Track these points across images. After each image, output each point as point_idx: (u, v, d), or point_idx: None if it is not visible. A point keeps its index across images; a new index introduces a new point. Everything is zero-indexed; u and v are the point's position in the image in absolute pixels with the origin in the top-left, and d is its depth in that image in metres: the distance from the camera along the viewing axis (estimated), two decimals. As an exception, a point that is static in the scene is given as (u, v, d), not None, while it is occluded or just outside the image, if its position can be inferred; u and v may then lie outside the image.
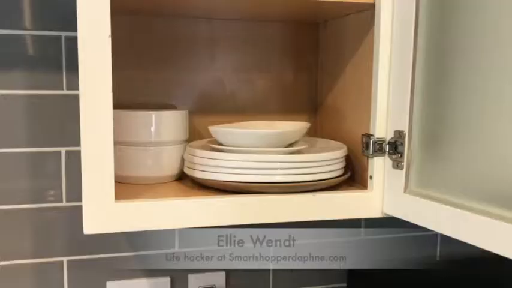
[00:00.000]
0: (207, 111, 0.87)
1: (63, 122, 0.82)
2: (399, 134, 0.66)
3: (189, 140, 0.78)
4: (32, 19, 0.80)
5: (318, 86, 0.91)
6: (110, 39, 0.58)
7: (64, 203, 0.84)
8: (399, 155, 0.67)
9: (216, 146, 0.70)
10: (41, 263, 0.84)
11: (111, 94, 0.59)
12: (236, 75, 0.88)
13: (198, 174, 0.69)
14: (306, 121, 0.91)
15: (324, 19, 0.87)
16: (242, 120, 0.87)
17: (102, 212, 0.60)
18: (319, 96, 0.91)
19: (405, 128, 0.66)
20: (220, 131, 0.69)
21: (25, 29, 0.80)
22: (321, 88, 0.90)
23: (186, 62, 0.86)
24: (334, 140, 0.82)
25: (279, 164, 0.66)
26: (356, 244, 0.98)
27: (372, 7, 0.69)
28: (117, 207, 0.61)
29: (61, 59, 0.81)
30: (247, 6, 0.74)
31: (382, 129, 0.68)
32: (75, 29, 0.57)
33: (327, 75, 0.88)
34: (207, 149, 0.71)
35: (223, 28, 0.87)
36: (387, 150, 0.68)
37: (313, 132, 0.91)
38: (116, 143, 0.72)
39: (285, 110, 0.91)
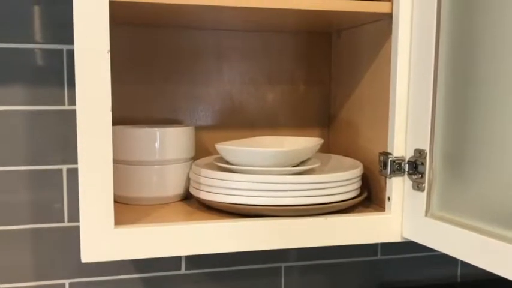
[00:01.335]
0: (214, 126, 0.84)
1: (64, 139, 0.79)
2: (419, 153, 0.62)
3: (195, 157, 0.75)
4: (32, 32, 0.76)
5: (331, 99, 0.87)
6: (108, 54, 0.55)
7: (66, 223, 0.80)
8: (420, 176, 0.62)
9: (223, 165, 0.66)
10: (43, 286, 0.80)
11: (110, 113, 0.55)
12: (245, 87, 0.85)
13: (204, 196, 0.65)
14: (318, 136, 0.87)
15: (338, 29, 0.83)
16: (251, 135, 0.83)
17: (101, 239, 0.56)
18: (332, 109, 0.87)
19: (426, 147, 0.61)
20: (227, 149, 0.65)
21: (25, 42, 0.76)
22: (334, 101, 0.86)
23: (192, 75, 0.82)
24: (348, 155, 0.78)
25: (289, 185, 0.61)
26: (372, 264, 0.93)
27: (389, 16, 0.65)
28: (116, 233, 0.57)
29: (62, 73, 0.78)
30: (258, 18, 0.70)
31: (401, 147, 0.64)
32: (74, 43, 0.54)
33: (341, 87, 0.83)
34: (213, 168, 0.67)
35: (231, 39, 0.83)
36: (407, 170, 0.63)
37: (326, 148, 0.86)
38: (118, 161, 0.69)
39: (296, 124, 0.87)
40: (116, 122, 0.75)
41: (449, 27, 0.59)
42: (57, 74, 0.78)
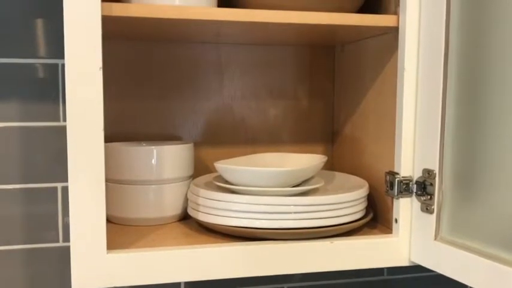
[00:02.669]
0: (214, 142, 0.81)
1: (59, 156, 0.76)
2: (428, 173, 0.59)
3: (194, 175, 0.72)
4: (26, 46, 0.74)
5: (335, 114, 0.84)
6: (101, 71, 0.52)
7: (61, 243, 0.78)
8: (428, 197, 0.59)
9: (223, 184, 0.63)
10: (36, 308, 0.78)
11: (102, 132, 0.53)
12: (246, 102, 0.82)
13: (203, 217, 0.62)
14: (321, 151, 0.84)
15: (341, 42, 0.80)
16: (253, 151, 0.80)
17: (93, 265, 0.54)
18: (336, 124, 0.84)
19: (435, 167, 0.58)
20: (227, 168, 0.62)
21: (19, 56, 0.74)
22: (338, 116, 0.83)
23: (192, 89, 0.80)
24: (352, 173, 0.75)
25: (292, 207, 0.59)
26: (379, 284, 0.90)
27: (395, 30, 0.62)
28: (109, 259, 0.54)
29: (58, 88, 0.76)
30: (260, 32, 0.68)
31: (408, 166, 0.61)
32: (64, 61, 0.52)
33: (345, 102, 0.81)
34: (212, 188, 0.64)
35: (231, 52, 0.80)
36: (415, 190, 0.60)
37: (330, 164, 0.84)
38: (113, 181, 0.66)
39: (299, 139, 0.84)
40: (112, 138, 0.73)
41: (458, 41, 0.56)
42: (52, 89, 0.76)
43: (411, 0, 0.59)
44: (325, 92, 0.84)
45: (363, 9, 0.67)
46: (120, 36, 0.73)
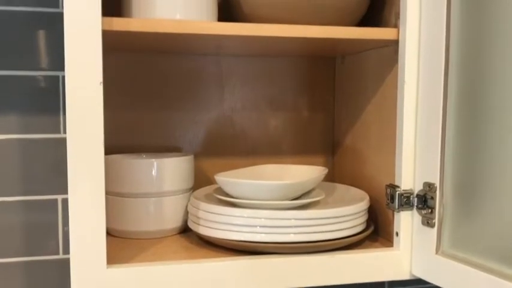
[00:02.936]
0: (215, 153, 0.81)
1: (60, 168, 0.76)
2: (429, 186, 0.58)
3: (195, 187, 0.72)
4: (27, 58, 0.74)
5: (336, 125, 0.84)
6: (101, 86, 0.52)
7: (61, 255, 0.77)
8: (429, 211, 0.59)
9: (223, 197, 0.63)
10: (35, 321, 0.77)
11: (102, 146, 0.53)
12: (247, 113, 0.82)
13: (203, 231, 0.62)
14: (322, 163, 0.84)
15: (342, 54, 0.80)
16: (253, 163, 0.80)
17: (93, 280, 0.53)
18: (337, 135, 0.84)
19: (436, 180, 0.58)
20: (227, 181, 0.62)
21: (20, 69, 0.74)
22: (339, 127, 0.83)
23: (192, 101, 0.80)
24: (353, 184, 0.75)
25: (293, 221, 0.58)
26: (379, 296, 0.89)
27: (395, 43, 0.62)
28: (109, 273, 0.54)
29: (58, 100, 0.76)
30: (261, 45, 0.68)
31: (409, 179, 0.61)
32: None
33: (345, 113, 0.81)
34: (212, 201, 0.64)
35: (232, 64, 0.81)
36: (415, 204, 0.60)
37: (330, 175, 0.83)
38: (113, 193, 0.66)
39: (299, 150, 0.84)
40: (112, 149, 0.73)
41: (458, 55, 0.56)
42: (53, 101, 0.76)
43: (411, 13, 0.60)
44: (326, 103, 0.84)
45: (363, 21, 0.67)
46: (121, 48, 0.73)
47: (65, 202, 0.77)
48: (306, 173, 0.69)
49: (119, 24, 0.54)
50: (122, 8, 0.60)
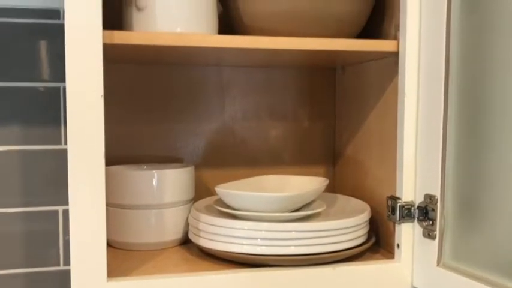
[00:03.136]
0: (215, 163, 0.81)
1: (60, 179, 0.76)
2: (430, 198, 0.58)
3: (195, 196, 0.72)
4: (27, 70, 0.75)
5: (336, 135, 0.84)
6: (102, 99, 0.52)
7: (61, 267, 0.77)
8: (430, 222, 0.58)
9: (223, 209, 0.63)
10: (36, 333, 0.77)
11: (103, 158, 0.53)
12: (247, 124, 0.82)
13: (204, 243, 0.62)
14: (323, 173, 0.84)
15: (342, 64, 0.80)
16: (254, 173, 0.80)
17: (93, 293, 0.53)
18: (338, 145, 0.84)
19: (437, 192, 0.58)
20: (228, 193, 0.62)
21: (21, 80, 0.75)
22: (340, 138, 0.83)
23: (193, 111, 0.80)
24: (354, 195, 0.75)
25: (294, 233, 0.58)
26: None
27: (395, 55, 0.62)
28: (110, 286, 0.54)
29: (59, 111, 0.76)
30: (262, 57, 0.68)
31: (410, 191, 0.61)
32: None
33: (346, 123, 0.81)
34: (213, 212, 0.64)
35: (232, 74, 0.81)
36: (416, 216, 0.60)
37: (331, 186, 0.83)
38: (114, 205, 0.66)
39: (300, 161, 0.84)
40: (113, 160, 0.73)
41: (458, 66, 0.57)
42: (54, 112, 0.76)
43: (411, 25, 0.60)
44: (326, 113, 0.84)
45: (363, 33, 0.68)
46: (121, 60, 0.73)
47: (66, 213, 0.77)
48: (306, 184, 0.69)
49: (119, 37, 0.54)
50: (122, 21, 0.60)
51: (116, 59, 0.72)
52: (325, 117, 0.84)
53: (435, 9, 0.57)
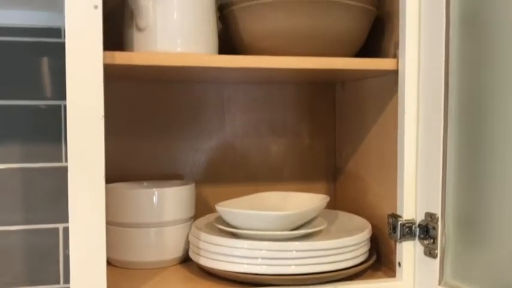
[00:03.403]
0: (216, 180, 0.81)
1: (61, 196, 0.76)
2: (430, 216, 0.58)
3: (196, 213, 0.72)
4: (29, 87, 0.75)
5: (337, 151, 0.84)
6: (103, 120, 0.52)
7: (61, 285, 0.77)
8: (431, 241, 0.58)
9: (224, 227, 0.63)
10: None
11: (103, 178, 0.53)
12: (248, 140, 0.82)
13: (204, 262, 0.62)
14: (324, 188, 0.84)
15: (342, 81, 0.81)
16: (255, 189, 0.80)
17: (93, 314, 0.53)
18: (338, 161, 0.84)
19: (437, 211, 0.58)
20: (228, 212, 0.62)
21: (22, 98, 0.75)
22: (340, 153, 0.83)
23: (194, 127, 0.80)
24: (355, 211, 0.75)
25: (295, 252, 0.58)
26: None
27: (394, 72, 0.62)
28: (110, 308, 0.53)
29: (60, 129, 0.76)
30: (260, 75, 0.69)
31: (410, 209, 0.61)
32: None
33: (346, 139, 0.81)
34: (213, 231, 0.64)
35: (233, 90, 0.81)
36: (417, 234, 0.60)
37: (332, 201, 0.83)
38: (114, 223, 0.66)
39: (301, 176, 0.84)
40: (114, 177, 0.73)
41: (457, 84, 0.57)
42: (55, 130, 0.76)
43: (410, 44, 0.60)
44: (327, 129, 0.84)
45: (363, 50, 0.68)
46: (122, 77, 0.74)
47: (66, 231, 0.77)
48: (307, 201, 0.69)
49: (121, 58, 0.55)
50: (123, 40, 0.61)
51: (116, 77, 0.72)
52: (326, 133, 0.85)
53: (434, 27, 0.58)
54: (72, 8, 0.51)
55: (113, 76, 0.68)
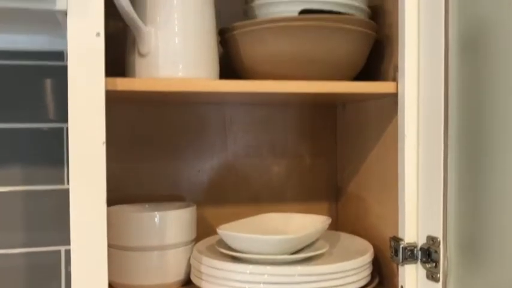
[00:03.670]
0: (218, 201, 0.81)
1: (63, 219, 0.76)
2: (432, 240, 0.58)
3: (198, 235, 0.71)
4: (32, 110, 0.75)
5: (338, 171, 0.85)
6: (104, 145, 0.53)
7: (63, 309, 0.77)
8: (434, 264, 0.58)
9: (225, 251, 0.63)
10: None
11: (105, 203, 0.53)
12: (249, 160, 0.82)
13: (205, 286, 0.61)
14: (326, 209, 0.84)
15: (342, 102, 0.81)
16: (256, 210, 0.80)
17: None
18: (340, 181, 0.84)
19: (439, 234, 0.57)
20: (229, 235, 0.62)
21: (24, 121, 0.75)
22: (342, 174, 0.83)
23: (195, 148, 0.80)
24: (357, 232, 0.75)
25: (297, 277, 0.58)
26: None
27: (394, 95, 0.63)
28: (111, 334, 0.53)
29: (63, 151, 0.77)
30: (261, 98, 0.69)
31: (412, 232, 0.60)
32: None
33: (348, 160, 0.81)
34: (215, 254, 0.64)
35: (234, 111, 0.82)
36: (419, 257, 0.60)
37: (334, 221, 0.83)
38: (115, 246, 0.66)
39: (303, 197, 0.84)
40: (116, 199, 0.73)
41: (457, 107, 0.57)
42: (58, 152, 0.76)
43: (409, 67, 0.60)
44: (328, 149, 0.85)
45: (363, 72, 0.68)
46: (123, 100, 0.74)
47: (68, 253, 0.77)
48: (309, 223, 0.69)
49: (122, 84, 0.55)
50: (125, 65, 0.61)
51: (118, 100, 0.73)
52: (327, 153, 0.85)
53: (433, 50, 0.58)
54: (75, 36, 0.51)
55: (115, 99, 0.69)
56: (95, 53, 0.52)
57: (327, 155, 0.85)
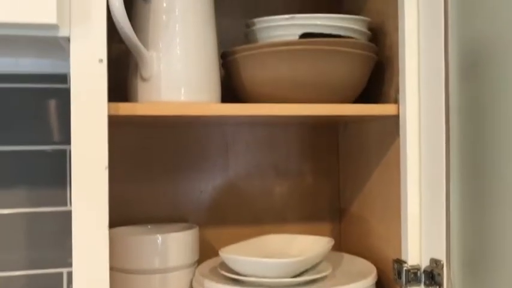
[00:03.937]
0: (220, 221, 0.81)
1: (65, 241, 0.76)
2: (435, 263, 0.58)
3: (200, 256, 0.71)
4: (35, 132, 0.76)
5: (341, 192, 0.84)
6: (107, 170, 0.53)
7: (65, 331, 0.76)
8: (437, 287, 0.58)
9: (228, 274, 0.62)
10: None
11: (107, 226, 0.53)
12: (251, 181, 0.82)
13: (208, 309, 0.61)
14: (328, 229, 0.84)
15: (344, 122, 0.81)
16: (258, 231, 0.80)
17: None
18: (342, 201, 0.84)
19: (442, 257, 0.57)
20: (231, 259, 0.62)
21: (28, 143, 0.76)
22: (344, 194, 0.83)
23: (197, 170, 0.81)
24: (360, 253, 0.74)
25: (299, 301, 0.58)
26: None
27: (395, 117, 0.63)
28: None
29: (66, 173, 0.77)
30: (263, 119, 0.69)
31: (415, 255, 0.60)
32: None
33: (350, 180, 0.81)
34: (217, 277, 0.63)
35: (236, 132, 0.82)
36: (423, 280, 0.59)
37: (337, 242, 0.83)
38: (116, 269, 0.66)
39: (305, 217, 0.84)
40: (118, 221, 0.73)
41: (458, 128, 0.57)
42: (61, 174, 0.77)
43: (410, 89, 0.61)
44: (330, 169, 0.85)
45: (364, 94, 0.69)
46: (125, 122, 0.75)
47: (70, 276, 0.76)
48: (312, 245, 0.69)
49: (124, 109, 0.56)
50: (128, 89, 0.62)
51: (119, 123, 0.73)
52: (329, 173, 0.85)
53: (433, 72, 0.58)
54: (78, 62, 0.52)
55: (117, 123, 0.69)
56: (98, 79, 0.52)
57: (329, 175, 0.85)
